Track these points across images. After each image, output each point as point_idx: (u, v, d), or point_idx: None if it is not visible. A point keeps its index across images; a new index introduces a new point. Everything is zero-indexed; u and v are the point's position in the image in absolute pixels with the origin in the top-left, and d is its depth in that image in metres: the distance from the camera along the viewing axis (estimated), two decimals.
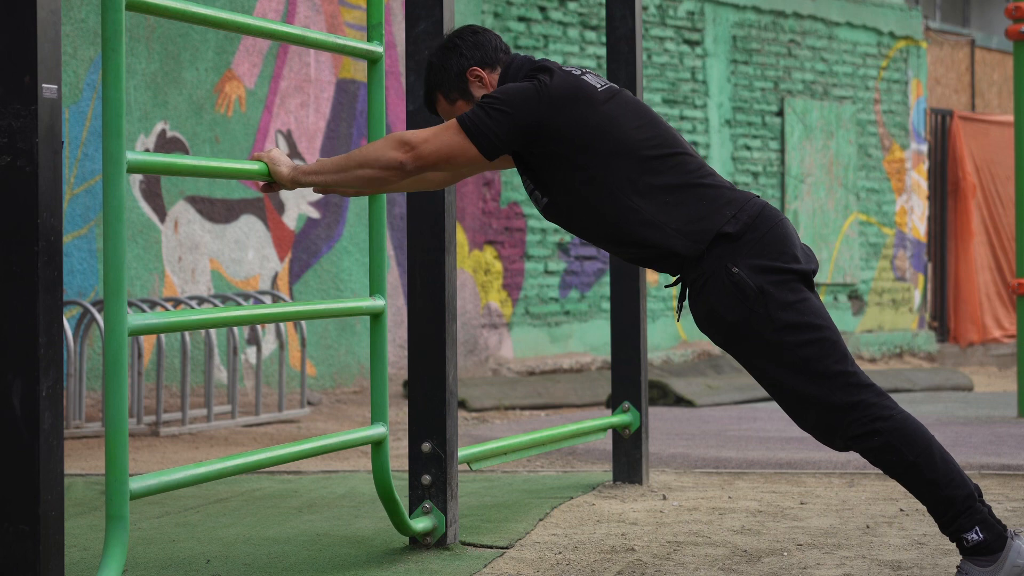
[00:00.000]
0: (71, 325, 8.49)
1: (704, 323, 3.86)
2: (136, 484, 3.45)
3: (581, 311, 12.56)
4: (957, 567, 3.78)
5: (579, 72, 3.92)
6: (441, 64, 4.00)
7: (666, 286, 4.14)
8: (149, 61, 9.54)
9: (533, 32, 12.23)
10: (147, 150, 9.41)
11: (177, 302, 8.67)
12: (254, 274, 10.10)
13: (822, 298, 14.87)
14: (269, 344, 9.99)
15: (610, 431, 6.02)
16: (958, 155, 17.04)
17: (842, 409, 3.76)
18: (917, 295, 16.31)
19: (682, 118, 13.64)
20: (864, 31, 15.65)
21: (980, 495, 3.76)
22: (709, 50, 13.91)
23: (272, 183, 3.99)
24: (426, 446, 4.61)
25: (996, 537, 3.72)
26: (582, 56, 12.62)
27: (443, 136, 3.82)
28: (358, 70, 10.77)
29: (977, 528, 3.72)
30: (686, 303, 3.92)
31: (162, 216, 9.62)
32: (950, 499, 3.73)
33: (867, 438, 3.76)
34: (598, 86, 3.89)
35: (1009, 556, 3.71)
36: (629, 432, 5.92)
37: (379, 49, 4.50)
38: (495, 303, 11.83)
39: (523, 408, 10.20)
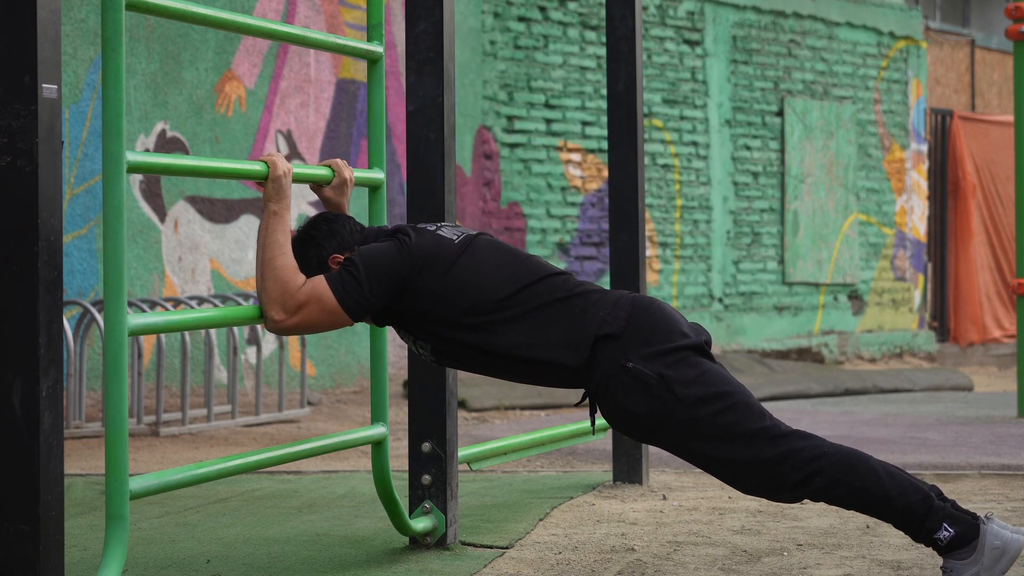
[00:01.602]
0: (71, 325, 8.49)
1: (619, 424, 3.90)
2: (136, 484, 3.45)
3: None
4: (941, 568, 3.79)
5: (434, 228, 4.02)
6: (302, 257, 4.02)
7: (575, 404, 4.20)
8: (149, 61, 9.54)
9: (533, 32, 12.23)
10: (147, 150, 9.41)
11: (177, 302, 8.66)
12: (254, 274, 10.09)
13: (821, 299, 14.88)
14: (269, 344, 9.99)
15: (610, 431, 6.02)
16: (958, 155, 17.04)
17: (774, 463, 3.78)
18: (917, 295, 16.31)
19: (682, 118, 13.65)
20: (864, 31, 15.65)
21: (939, 494, 3.79)
22: (709, 50, 13.91)
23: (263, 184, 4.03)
24: (426, 446, 4.61)
25: (967, 527, 3.75)
26: (582, 56, 12.62)
27: (314, 308, 3.86)
28: (358, 70, 10.77)
29: (945, 524, 3.75)
30: (599, 416, 3.96)
31: (162, 216, 9.62)
32: (908, 508, 3.76)
33: (809, 481, 3.79)
34: (454, 239, 3.99)
35: (986, 540, 3.73)
36: None
37: (379, 49, 4.50)
38: None
39: (523, 408, 10.20)
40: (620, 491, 5.79)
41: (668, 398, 3.79)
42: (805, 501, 5.46)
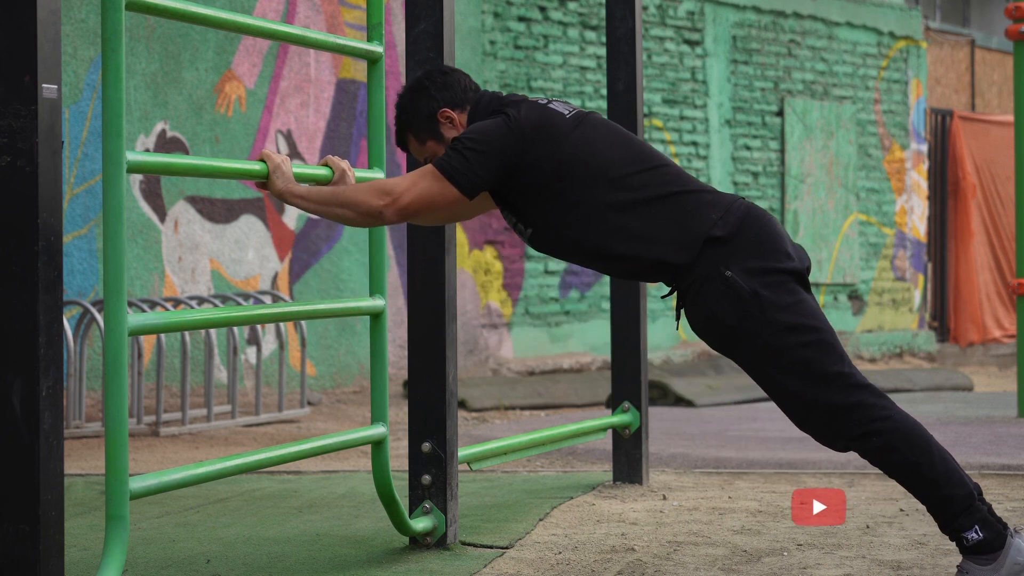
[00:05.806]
0: (71, 325, 8.49)
1: (701, 329, 3.86)
2: (136, 484, 3.45)
3: (581, 311, 12.56)
4: (958, 567, 3.79)
5: (545, 102, 3.97)
6: (411, 106, 4.00)
7: (662, 297, 4.16)
8: (149, 61, 9.54)
9: (533, 32, 12.23)
10: (147, 150, 9.41)
11: (177, 302, 8.67)
12: (254, 274, 10.10)
13: (822, 299, 14.87)
14: (269, 344, 9.99)
15: (610, 431, 6.02)
16: (958, 155, 17.04)
17: (841, 410, 3.76)
18: (917, 295, 16.31)
19: (682, 118, 13.65)
20: (864, 31, 15.65)
21: (980, 494, 3.77)
22: (709, 50, 13.91)
23: (265, 184, 3.99)
24: (426, 446, 4.61)
25: (996, 535, 3.73)
26: (582, 56, 12.62)
27: (422, 184, 3.82)
28: (358, 70, 10.77)
29: (977, 527, 3.73)
30: (684, 311, 3.93)
31: (162, 216, 9.62)
32: (950, 498, 3.74)
33: (867, 439, 3.76)
34: (566, 113, 3.93)
35: (1010, 554, 3.72)
36: (629, 432, 5.92)
37: (379, 49, 4.50)
38: (495, 303, 11.83)
39: (523, 408, 10.20)
40: (620, 491, 5.79)
41: (757, 317, 3.76)
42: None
